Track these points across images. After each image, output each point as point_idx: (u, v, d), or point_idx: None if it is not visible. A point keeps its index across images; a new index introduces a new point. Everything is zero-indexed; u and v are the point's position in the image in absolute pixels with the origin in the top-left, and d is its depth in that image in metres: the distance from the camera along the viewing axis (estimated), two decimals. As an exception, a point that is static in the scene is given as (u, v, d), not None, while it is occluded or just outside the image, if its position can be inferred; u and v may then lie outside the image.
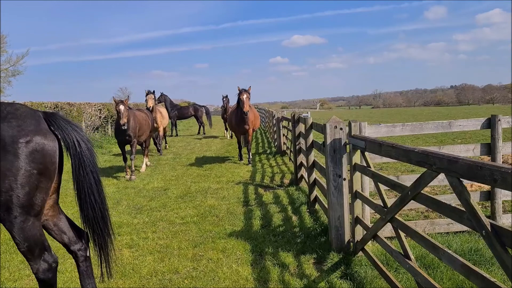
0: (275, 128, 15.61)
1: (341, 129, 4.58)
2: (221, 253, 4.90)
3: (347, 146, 4.57)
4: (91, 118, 19.53)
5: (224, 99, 18.38)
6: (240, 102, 11.37)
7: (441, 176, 3.05)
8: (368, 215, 4.80)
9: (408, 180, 4.96)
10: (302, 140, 8.37)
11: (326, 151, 4.69)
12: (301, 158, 8.38)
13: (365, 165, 4.08)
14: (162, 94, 23.92)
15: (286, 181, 9.27)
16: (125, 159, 10.59)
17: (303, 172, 8.41)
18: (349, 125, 4.46)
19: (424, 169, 2.70)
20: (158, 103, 24.65)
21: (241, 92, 11.29)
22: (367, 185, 4.70)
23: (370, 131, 4.73)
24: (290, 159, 11.95)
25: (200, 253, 4.95)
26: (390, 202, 3.69)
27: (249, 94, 11.28)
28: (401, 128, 4.81)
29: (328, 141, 4.59)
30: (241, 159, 12.56)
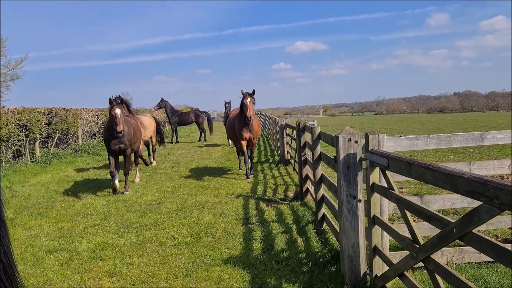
0: (278, 136, 14.93)
1: (356, 142, 3.90)
2: (215, 285, 4.22)
3: (363, 162, 3.91)
4: (88, 124, 18.92)
5: (227, 105, 17.74)
6: (243, 106, 10.39)
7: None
8: (387, 243, 4.10)
9: (433, 201, 4.30)
10: (308, 151, 7.69)
11: (338, 168, 4.01)
12: (307, 170, 7.70)
13: (386, 186, 3.41)
14: (162, 100, 23.33)
15: (290, 194, 8.58)
16: (113, 173, 9.03)
17: (309, 185, 7.73)
18: (366, 137, 3.79)
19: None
20: (158, 108, 24.09)
21: (244, 95, 10.31)
22: (386, 207, 4.01)
23: (389, 144, 4.05)
24: (294, 169, 11.27)
25: (191, 285, 4.26)
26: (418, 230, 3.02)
27: (254, 98, 10.36)
28: (426, 141, 4.11)
29: (341, 156, 3.92)
30: (241, 167, 11.71)
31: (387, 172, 3.39)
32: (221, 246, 5.42)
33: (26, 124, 13.47)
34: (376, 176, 3.69)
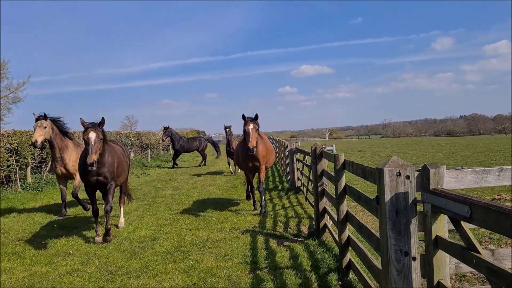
0: (287, 161, 13.90)
1: (407, 177, 2.86)
2: None
3: (418, 204, 2.86)
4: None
5: (227, 129, 16.74)
6: (245, 134, 8.72)
7: None
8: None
9: (508, 256, 3.21)
10: (326, 181, 6.65)
11: (381, 212, 2.96)
12: (324, 203, 6.64)
13: (465, 245, 2.35)
14: (168, 128, 21.85)
15: (304, 228, 7.50)
16: (95, 212, 7.33)
17: (327, 220, 6.65)
18: (424, 171, 2.76)
19: None
20: (167, 138, 22.52)
21: (246, 121, 8.63)
22: (448, 267, 2.94)
23: (449, 180, 3.00)
24: (306, 198, 10.19)
25: None
26: None
27: (257, 124, 8.72)
28: (497, 175, 3.05)
29: (387, 196, 2.87)
30: (248, 198, 10.33)
31: (462, 223, 2.35)
32: (223, 304, 4.32)
33: (16, 148, 12.55)
34: (440, 227, 2.64)
